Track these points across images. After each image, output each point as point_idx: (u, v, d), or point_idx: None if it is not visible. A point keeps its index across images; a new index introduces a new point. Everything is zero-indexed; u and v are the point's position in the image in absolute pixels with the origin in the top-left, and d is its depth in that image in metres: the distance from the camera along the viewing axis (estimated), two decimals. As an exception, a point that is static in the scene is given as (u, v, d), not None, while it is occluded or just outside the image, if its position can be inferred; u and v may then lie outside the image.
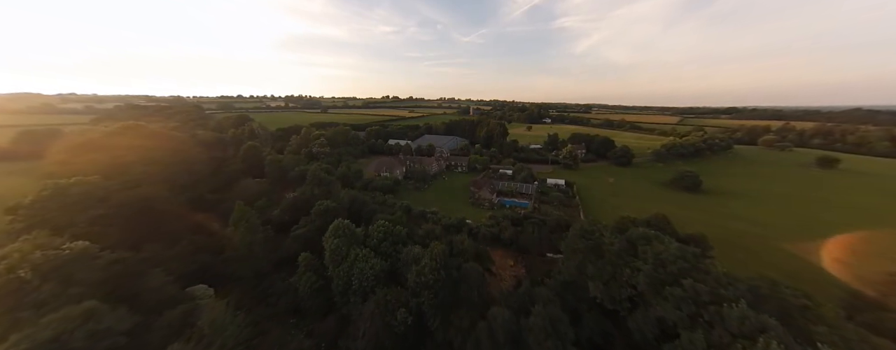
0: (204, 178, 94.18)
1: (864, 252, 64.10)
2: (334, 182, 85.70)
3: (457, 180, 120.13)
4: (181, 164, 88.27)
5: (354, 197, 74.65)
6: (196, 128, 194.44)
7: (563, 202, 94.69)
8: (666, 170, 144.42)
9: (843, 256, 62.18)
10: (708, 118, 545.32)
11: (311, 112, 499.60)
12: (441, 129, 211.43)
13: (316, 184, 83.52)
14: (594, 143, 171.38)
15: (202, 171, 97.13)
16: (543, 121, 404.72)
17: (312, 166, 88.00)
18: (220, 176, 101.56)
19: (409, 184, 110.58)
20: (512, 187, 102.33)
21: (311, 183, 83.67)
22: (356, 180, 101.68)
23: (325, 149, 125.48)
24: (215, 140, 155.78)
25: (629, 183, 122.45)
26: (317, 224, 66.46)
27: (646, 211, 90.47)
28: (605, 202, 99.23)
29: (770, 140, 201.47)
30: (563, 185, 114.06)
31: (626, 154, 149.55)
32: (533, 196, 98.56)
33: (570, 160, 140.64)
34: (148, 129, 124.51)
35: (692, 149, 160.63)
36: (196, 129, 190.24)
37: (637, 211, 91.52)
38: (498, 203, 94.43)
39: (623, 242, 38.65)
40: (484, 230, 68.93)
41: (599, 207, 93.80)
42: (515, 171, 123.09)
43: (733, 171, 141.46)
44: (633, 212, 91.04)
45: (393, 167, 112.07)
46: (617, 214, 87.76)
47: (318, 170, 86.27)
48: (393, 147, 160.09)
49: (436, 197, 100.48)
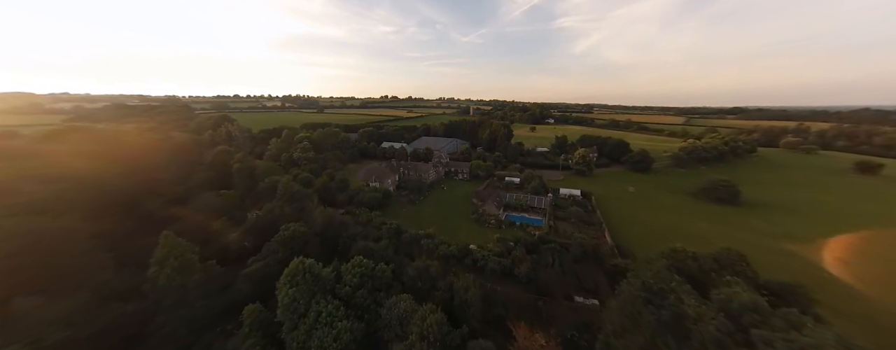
0: (161, 190, 79.55)
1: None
2: (310, 197, 71.24)
3: (457, 190, 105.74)
4: (126, 177, 73.68)
5: (331, 218, 60.14)
6: (175, 129, 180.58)
7: (582, 219, 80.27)
8: (688, 176, 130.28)
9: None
10: (713, 118, 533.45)
11: (307, 112, 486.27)
12: (440, 131, 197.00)
13: (287, 199, 69.06)
14: (607, 146, 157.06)
15: (161, 182, 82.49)
16: (546, 121, 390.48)
17: (285, 177, 73.44)
18: (186, 185, 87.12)
19: (403, 195, 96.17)
20: (521, 200, 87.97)
21: (282, 198, 69.20)
22: (340, 192, 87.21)
23: (309, 154, 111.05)
24: (192, 143, 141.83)
25: (652, 192, 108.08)
26: (279, 256, 52.12)
27: (683, 230, 76.42)
28: (631, 218, 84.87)
29: (793, 142, 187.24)
30: (580, 196, 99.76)
31: (644, 159, 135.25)
32: (547, 211, 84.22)
33: (584, 166, 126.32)
34: (96, 132, 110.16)
35: (715, 152, 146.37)
36: (175, 130, 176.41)
37: (671, 229, 77.22)
38: (506, 220, 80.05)
39: (722, 321, 24.32)
40: (492, 262, 54.52)
41: (627, 225, 79.44)
42: (524, 179, 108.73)
43: (763, 177, 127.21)
44: (665, 230, 77.04)
45: (384, 175, 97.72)
46: (649, 235, 73.80)
47: (290, 182, 71.82)
48: (387, 151, 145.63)
49: (433, 212, 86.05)
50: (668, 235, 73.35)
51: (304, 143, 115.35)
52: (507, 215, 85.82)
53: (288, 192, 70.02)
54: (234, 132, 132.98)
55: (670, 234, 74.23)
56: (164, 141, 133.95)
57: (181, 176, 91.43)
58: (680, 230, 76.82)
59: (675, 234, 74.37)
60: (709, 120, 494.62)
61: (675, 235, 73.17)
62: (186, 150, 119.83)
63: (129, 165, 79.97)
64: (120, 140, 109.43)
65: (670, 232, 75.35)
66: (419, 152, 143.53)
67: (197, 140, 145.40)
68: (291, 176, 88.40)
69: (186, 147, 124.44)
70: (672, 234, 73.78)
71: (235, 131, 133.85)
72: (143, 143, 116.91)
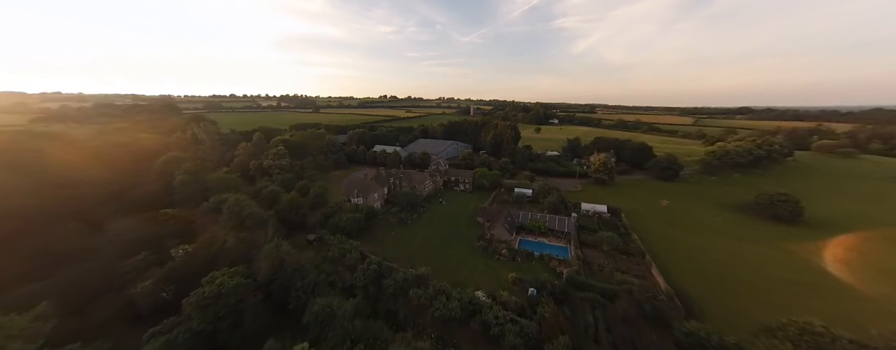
0: (75, 212, 62.05)
1: None
2: (266, 222, 53.97)
3: (458, 204, 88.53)
4: (33, 196, 56.36)
5: (282, 260, 42.73)
6: (148, 130, 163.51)
7: (617, 247, 62.92)
8: (724, 185, 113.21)
9: None
10: (720, 118, 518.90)
11: (302, 112, 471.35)
12: (439, 132, 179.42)
13: (234, 226, 51.91)
14: (625, 150, 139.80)
15: (80, 201, 64.98)
16: (551, 121, 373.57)
17: (235, 195, 56.22)
18: (120, 203, 69.87)
19: (392, 213, 78.97)
20: (539, 222, 70.65)
21: (228, 225, 52.08)
22: (313, 212, 69.85)
23: (282, 161, 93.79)
24: (161, 147, 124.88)
25: (691, 207, 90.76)
26: (194, 325, 35.06)
27: (754, 265, 58.10)
28: (677, 244, 67.55)
29: (828, 145, 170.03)
30: (607, 214, 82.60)
31: (672, 165, 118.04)
32: (572, 236, 66.93)
33: (605, 174, 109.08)
34: (33, 137, 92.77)
35: (750, 157, 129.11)
36: (147, 131, 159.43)
37: (737, 262, 59.23)
38: (521, 249, 62.75)
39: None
40: (512, 333, 37.14)
41: (676, 257, 62.07)
42: (538, 191, 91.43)
43: (812, 187, 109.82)
44: (731, 263, 58.52)
45: (369, 188, 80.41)
46: (711, 272, 54.82)
47: (244, 201, 54.61)
48: (378, 155, 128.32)
49: (428, 236, 68.74)
50: (738, 273, 56.36)
51: (278, 148, 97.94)
52: (521, 241, 68.70)
53: (236, 215, 52.81)
54: (200, 134, 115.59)
55: (740, 271, 57.06)
56: (120, 146, 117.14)
57: (119, 190, 74.26)
58: (750, 265, 59.51)
59: (747, 271, 57.28)
60: (717, 120, 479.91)
61: (748, 273, 56.26)
62: (146, 157, 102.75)
63: (51, 177, 62.78)
64: (66, 146, 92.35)
65: (739, 268, 58.10)
66: (415, 157, 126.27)
67: (165, 143, 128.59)
68: (252, 191, 71.28)
69: (147, 152, 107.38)
70: (743, 272, 56.78)
71: (203, 133, 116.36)
72: (92, 149, 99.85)
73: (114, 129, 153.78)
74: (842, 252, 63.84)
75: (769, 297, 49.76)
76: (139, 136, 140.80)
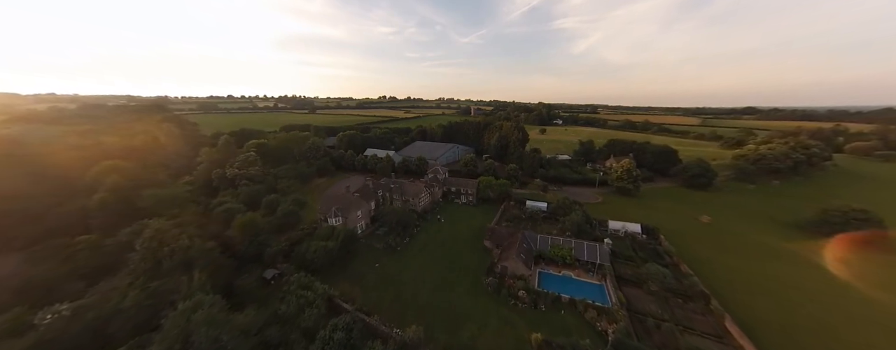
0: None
1: None
2: (192, 266, 38.89)
3: (460, 222, 73.62)
4: None
5: (189, 334, 27.69)
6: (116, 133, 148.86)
7: (667, 285, 47.90)
8: (766, 195, 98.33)
9: None
10: (726, 118, 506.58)
11: (298, 113, 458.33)
12: (438, 134, 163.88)
13: (149, 268, 37.06)
14: (646, 153, 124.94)
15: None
16: (554, 122, 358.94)
17: (154, 222, 41.26)
18: (47, 224, 54.94)
19: (378, 236, 64.14)
20: (563, 250, 55.61)
21: (139, 266, 37.23)
22: (278, 235, 54.88)
23: (253, 169, 78.96)
24: (121, 151, 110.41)
25: (739, 225, 75.74)
26: None
27: (859, 313, 42.32)
28: (740, 279, 52.49)
29: (863, 147, 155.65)
30: (641, 234, 67.74)
31: (704, 172, 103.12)
32: (607, 271, 51.93)
33: (629, 182, 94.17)
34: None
35: (790, 162, 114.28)
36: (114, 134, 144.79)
37: (836, 309, 44.10)
38: (542, 290, 47.75)
39: None
40: None
41: (749, 300, 46.98)
42: (556, 205, 76.44)
43: (873, 197, 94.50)
44: (822, 307, 42.57)
45: (351, 205, 65.30)
46: (804, 327, 39.83)
47: (159, 235, 39.62)
48: (369, 161, 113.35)
49: (422, 269, 53.78)
50: (853, 333, 41.11)
51: (248, 154, 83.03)
52: (540, 274, 53.81)
53: (151, 254, 37.88)
54: (161, 137, 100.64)
55: (854, 330, 41.80)
56: (77, 149, 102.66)
57: (44, 208, 59.24)
58: (862, 318, 44.44)
59: (866, 329, 42.13)
60: (724, 120, 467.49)
61: (870, 333, 41.07)
62: (96, 163, 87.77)
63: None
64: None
65: (851, 324, 42.89)
66: (410, 163, 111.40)
67: (128, 147, 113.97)
68: (200, 211, 56.25)
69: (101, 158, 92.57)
70: (860, 331, 41.57)
71: (162, 136, 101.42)
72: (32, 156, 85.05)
73: (79, 131, 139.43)
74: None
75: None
76: (104, 139, 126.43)
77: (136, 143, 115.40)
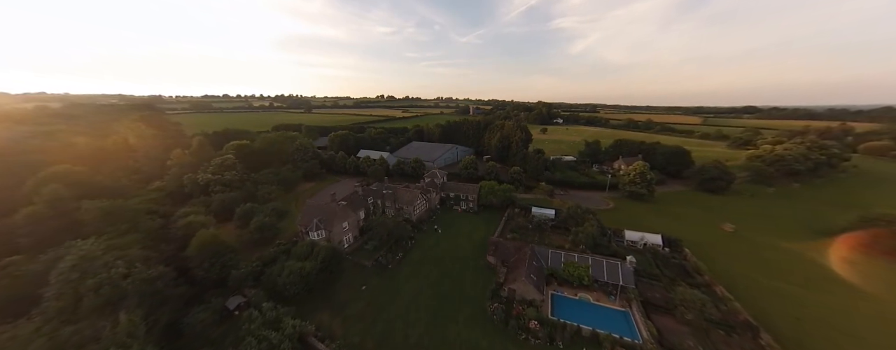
0: None
1: None
2: (126, 297, 31.10)
3: (459, 233, 66.02)
4: None
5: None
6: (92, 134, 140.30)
7: (707, 315, 40.46)
8: (789, 199, 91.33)
9: None
10: (728, 117, 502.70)
11: (294, 112, 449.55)
12: (436, 134, 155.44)
13: (65, 308, 29.28)
14: (656, 154, 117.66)
15: None
16: (555, 121, 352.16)
17: (79, 247, 33.43)
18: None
19: (366, 252, 56.53)
20: (578, 268, 48.15)
21: (52, 306, 29.35)
22: (244, 256, 47.13)
23: (230, 174, 71.04)
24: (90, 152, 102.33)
25: (769, 235, 68.45)
26: None
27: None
28: (788, 303, 45.30)
29: (879, 148, 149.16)
30: (661, 246, 60.45)
31: (722, 175, 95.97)
32: (633, 295, 44.47)
33: (643, 186, 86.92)
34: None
35: (810, 164, 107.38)
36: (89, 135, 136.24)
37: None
38: (558, 320, 40.26)
39: None
40: None
41: (803, 333, 39.75)
42: (566, 213, 68.90)
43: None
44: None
45: (335, 217, 57.50)
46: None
47: (83, 264, 31.83)
48: (361, 164, 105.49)
49: (416, 293, 46.16)
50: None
51: (225, 157, 75.05)
52: (554, 297, 46.31)
53: (71, 289, 30.12)
54: (130, 138, 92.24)
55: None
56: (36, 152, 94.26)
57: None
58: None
59: None
60: (726, 119, 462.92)
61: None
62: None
63: None
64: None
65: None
66: (405, 166, 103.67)
67: (98, 148, 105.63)
68: (155, 226, 48.24)
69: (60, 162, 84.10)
70: None
71: (131, 137, 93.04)
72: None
73: (47, 131, 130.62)
74: None
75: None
76: (75, 140, 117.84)
77: (106, 145, 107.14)
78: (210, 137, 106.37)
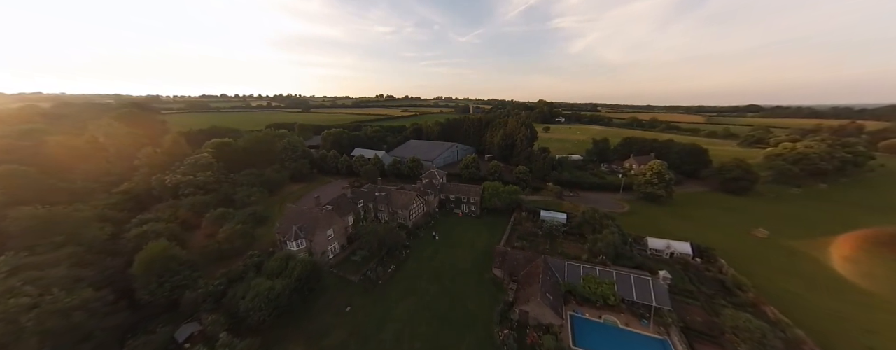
0: None
1: None
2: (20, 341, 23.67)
3: (460, 240, 58.59)
4: None
5: None
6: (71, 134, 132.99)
7: (766, 345, 33.13)
8: (819, 201, 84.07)
9: None
10: (731, 116, 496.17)
11: (291, 111, 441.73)
12: (435, 132, 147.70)
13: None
14: (670, 153, 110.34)
15: None
16: (557, 120, 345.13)
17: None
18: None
19: (354, 263, 49.10)
20: (601, 285, 40.76)
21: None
22: (206, 273, 39.71)
23: (204, 174, 63.66)
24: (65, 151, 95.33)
25: (810, 243, 61.16)
26: None
27: None
28: (845, 324, 37.96)
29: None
30: (690, 255, 53.14)
31: (745, 175, 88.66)
32: (672, 319, 37.10)
33: (661, 187, 79.57)
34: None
35: (836, 163, 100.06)
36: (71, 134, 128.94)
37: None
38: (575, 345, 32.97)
39: None
40: None
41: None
42: (581, 218, 61.48)
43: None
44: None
45: (318, 225, 50.13)
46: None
47: None
48: (354, 163, 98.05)
49: (409, 317, 38.70)
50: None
51: (201, 156, 67.64)
52: (573, 320, 38.92)
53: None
54: (100, 138, 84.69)
55: None
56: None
57: None
58: None
59: None
60: (729, 117, 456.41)
61: None
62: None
63: None
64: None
65: None
66: (402, 166, 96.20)
67: (72, 147, 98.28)
68: (72, 248, 40.63)
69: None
70: None
71: (101, 135, 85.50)
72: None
73: (19, 131, 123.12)
74: None
75: None
76: (55, 138, 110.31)
77: (78, 144, 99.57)
78: (190, 135, 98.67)
